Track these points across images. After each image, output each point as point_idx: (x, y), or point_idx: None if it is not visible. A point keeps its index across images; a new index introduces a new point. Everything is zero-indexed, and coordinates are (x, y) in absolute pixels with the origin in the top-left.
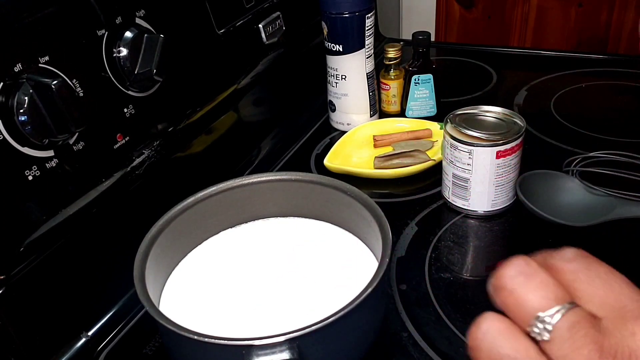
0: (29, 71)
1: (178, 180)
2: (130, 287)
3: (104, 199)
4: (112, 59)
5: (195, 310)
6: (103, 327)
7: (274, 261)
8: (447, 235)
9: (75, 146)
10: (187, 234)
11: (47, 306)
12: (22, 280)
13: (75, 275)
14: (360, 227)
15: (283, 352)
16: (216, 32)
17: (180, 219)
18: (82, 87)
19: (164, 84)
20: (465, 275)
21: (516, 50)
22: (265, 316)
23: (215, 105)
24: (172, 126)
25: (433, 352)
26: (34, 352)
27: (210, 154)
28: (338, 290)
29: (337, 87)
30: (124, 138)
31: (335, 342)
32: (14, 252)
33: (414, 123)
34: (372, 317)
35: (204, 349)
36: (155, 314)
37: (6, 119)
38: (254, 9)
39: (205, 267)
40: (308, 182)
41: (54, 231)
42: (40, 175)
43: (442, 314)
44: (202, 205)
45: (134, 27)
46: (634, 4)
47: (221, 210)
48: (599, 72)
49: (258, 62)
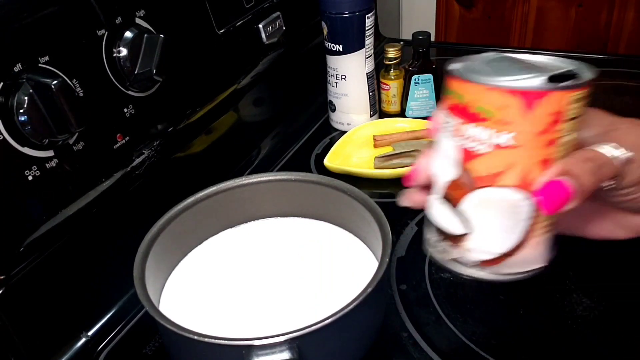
0: (28, 71)
1: (178, 180)
2: (130, 287)
3: (104, 199)
4: (112, 59)
5: (195, 310)
6: (103, 327)
7: (274, 261)
8: None
9: (75, 146)
10: (187, 234)
11: (47, 306)
12: (22, 281)
13: (75, 275)
14: (360, 227)
15: (283, 352)
16: (216, 32)
17: (180, 219)
18: (82, 87)
19: (164, 84)
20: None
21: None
22: (265, 316)
23: (215, 105)
24: (172, 126)
25: (433, 352)
26: (34, 352)
27: (210, 154)
28: (338, 290)
29: (337, 87)
30: (124, 138)
31: (335, 342)
32: (14, 252)
33: (414, 123)
34: (372, 317)
35: (203, 349)
36: (155, 314)
37: (6, 119)
38: (254, 9)
39: (205, 267)
40: (308, 182)
41: (54, 231)
42: (40, 175)
43: (442, 314)
44: (202, 205)
45: (134, 27)
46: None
47: (221, 210)
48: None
49: (258, 62)
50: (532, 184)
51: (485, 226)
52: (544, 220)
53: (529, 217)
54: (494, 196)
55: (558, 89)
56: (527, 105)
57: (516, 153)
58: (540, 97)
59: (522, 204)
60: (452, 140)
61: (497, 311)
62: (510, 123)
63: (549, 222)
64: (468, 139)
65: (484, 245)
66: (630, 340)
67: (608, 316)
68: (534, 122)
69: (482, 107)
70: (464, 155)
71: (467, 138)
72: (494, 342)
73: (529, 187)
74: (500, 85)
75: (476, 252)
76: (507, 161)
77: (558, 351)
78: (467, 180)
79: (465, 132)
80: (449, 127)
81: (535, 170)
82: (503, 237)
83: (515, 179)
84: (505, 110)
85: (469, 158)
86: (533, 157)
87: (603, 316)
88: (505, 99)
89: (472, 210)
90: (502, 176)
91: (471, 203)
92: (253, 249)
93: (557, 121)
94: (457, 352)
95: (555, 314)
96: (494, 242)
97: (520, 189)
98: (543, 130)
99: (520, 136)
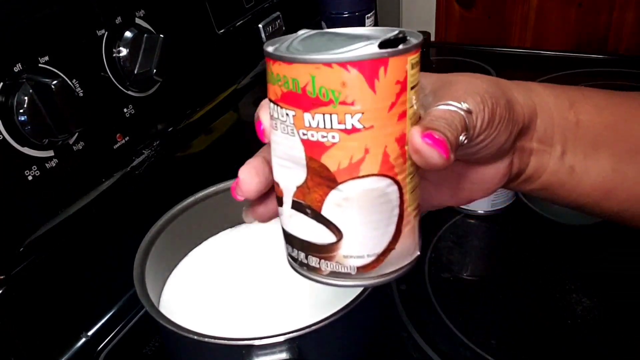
0: (28, 71)
1: (178, 180)
2: (130, 287)
3: (104, 199)
4: (111, 59)
5: (195, 310)
6: (103, 327)
7: (273, 261)
8: (447, 235)
9: (75, 146)
10: (187, 234)
11: (47, 306)
12: (22, 281)
13: (75, 275)
14: None
15: (283, 352)
16: (216, 32)
17: (180, 219)
18: (82, 87)
19: (163, 84)
20: (465, 275)
21: (516, 50)
22: (265, 316)
23: (215, 105)
24: (172, 126)
25: (433, 352)
26: (34, 352)
27: (210, 154)
28: (338, 290)
29: None
30: (124, 138)
31: (335, 342)
32: (14, 252)
33: None
34: (372, 317)
35: (203, 349)
36: (155, 314)
37: (6, 119)
38: (253, 9)
39: (205, 267)
40: None
41: (54, 231)
42: (40, 175)
43: (442, 313)
44: (202, 205)
45: (133, 27)
46: (634, 4)
47: (221, 210)
48: (599, 72)
49: (258, 62)
50: (394, 167)
51: (356, 227)
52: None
53: (399, 205)
54: (356, 190)
55: (396, 53)
56: (370, 77)
57: (369, 135)
58: (381, 64)
59: (389, 190)
60: (293, 137)
61: (497, 311)
62: (356, 102)
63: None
64: (313, 130)
65: (359, 248)
66: (630, 340)
67: (608, 316)
68: (381, 95)
69: (323, 89)
70: (313, 150)
71: (311, 129)
72: (494, 342)
73: (392, 171)
74: (337, 60)
75: (352, 259)
76: (362, 146)
77: (558, 351)
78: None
79: (308, 123)
80: (287, 122)
81: (394, 149)
82: (377, 234)
83: (377, 164)
84: (348, 87)
85: (320, 152)
86: (388, 136)
87: (603, 316)
88: (346, 75)
89: (337, 213)
90: (362, 164)
91: (333, 204)
92: (253, 249)
93: (403, 90)
94: (457, 352)
95: (555, 314)
96: (369, 243)
97: (383, 175)
98: (391, 103)
99: (370, 115)
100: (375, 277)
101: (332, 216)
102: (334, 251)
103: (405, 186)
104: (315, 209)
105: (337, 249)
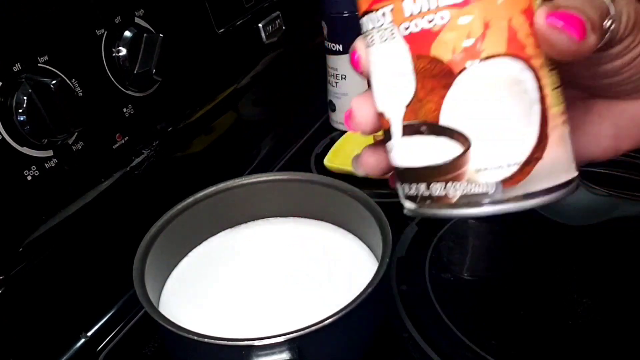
0: (28, 71)
1: (178, 180)
2: (130, 287)
3: (104, 199)
4: (111, 59)
5: (195, 310)
6: (103, 328)
7: (273, 261)
8: (448, 235)
9: (75, 146)
10: (187, 234)
11: (46, 306)
12: (22, 281)
13: (75, 275)
14: (360, 227)
15: (283, 352)
16: (216, 32)
17: (180, 219)
18: (81, 87)
19: (163, 83)
20: (466, 275)
21: None
22: (265, 316)
23: (215, 105)
24: (171, 126)
25: (433, 353)
26: (34, 352)
27: (210, 154)
28: (338, 291)
29: (337, 87)
30: (124, 138)
31: (335, 342)
32: (13, 252)
33: None
34: (372, 317)
35: (203, 349)
36: (155, 315)
37: (5, 119)
38: (253, 9)
39: (205, 267)
40: (308, 182)
41: (54, 231)
42: (39, 175)
43: (443, 314)
44: (202, 205)
45: (133, 26)
46: None
47: (221, 210)
48: None
49: (258, 62)
50: (525, 46)
51: (486, 127)
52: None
53: (539, 99)
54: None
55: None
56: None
57: (487, 3)
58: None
59: (524, 77)
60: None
61: (497, 311)
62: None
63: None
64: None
65: (494, 156)
66: (630, 340)
67: (608, 316)
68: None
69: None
70: (419, 44)
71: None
72: (494, 342)
73: (523, 52)
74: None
75: (487, 172)
76: (479, 20)
77: (558, 351)
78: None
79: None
80: (384, 25)
81: (521, 23)
82: (516, 135)
83: (502, 40)
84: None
85: (428, 43)
86: (512, 5)
87: (603, 316)
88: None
89: (459, 115)
90: (483, 42)
91: (452, 107)
92: (253, 249)
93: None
94: (457, 352)
95: (555, 314)
96: (507, 147)
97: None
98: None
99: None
100: (521, 196)
101: (454, 121)
102: (462, 166)
103: (544, 77)
104: (431, 122)
105: (466, 163)
